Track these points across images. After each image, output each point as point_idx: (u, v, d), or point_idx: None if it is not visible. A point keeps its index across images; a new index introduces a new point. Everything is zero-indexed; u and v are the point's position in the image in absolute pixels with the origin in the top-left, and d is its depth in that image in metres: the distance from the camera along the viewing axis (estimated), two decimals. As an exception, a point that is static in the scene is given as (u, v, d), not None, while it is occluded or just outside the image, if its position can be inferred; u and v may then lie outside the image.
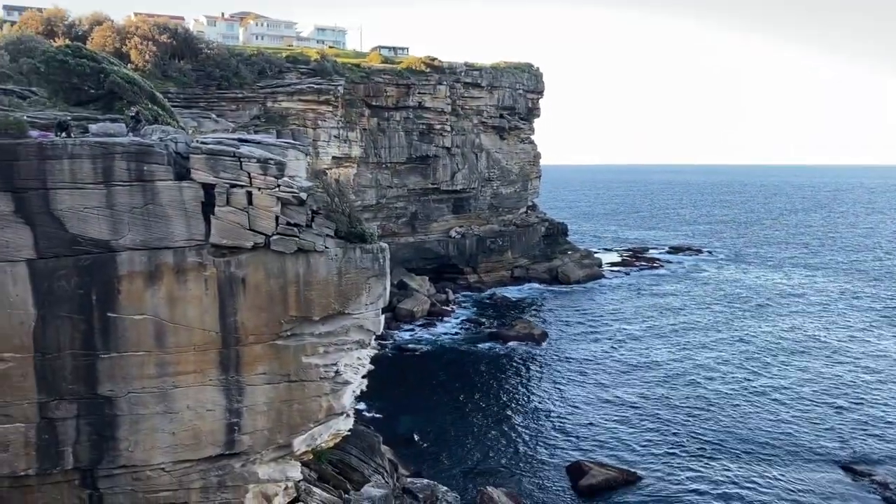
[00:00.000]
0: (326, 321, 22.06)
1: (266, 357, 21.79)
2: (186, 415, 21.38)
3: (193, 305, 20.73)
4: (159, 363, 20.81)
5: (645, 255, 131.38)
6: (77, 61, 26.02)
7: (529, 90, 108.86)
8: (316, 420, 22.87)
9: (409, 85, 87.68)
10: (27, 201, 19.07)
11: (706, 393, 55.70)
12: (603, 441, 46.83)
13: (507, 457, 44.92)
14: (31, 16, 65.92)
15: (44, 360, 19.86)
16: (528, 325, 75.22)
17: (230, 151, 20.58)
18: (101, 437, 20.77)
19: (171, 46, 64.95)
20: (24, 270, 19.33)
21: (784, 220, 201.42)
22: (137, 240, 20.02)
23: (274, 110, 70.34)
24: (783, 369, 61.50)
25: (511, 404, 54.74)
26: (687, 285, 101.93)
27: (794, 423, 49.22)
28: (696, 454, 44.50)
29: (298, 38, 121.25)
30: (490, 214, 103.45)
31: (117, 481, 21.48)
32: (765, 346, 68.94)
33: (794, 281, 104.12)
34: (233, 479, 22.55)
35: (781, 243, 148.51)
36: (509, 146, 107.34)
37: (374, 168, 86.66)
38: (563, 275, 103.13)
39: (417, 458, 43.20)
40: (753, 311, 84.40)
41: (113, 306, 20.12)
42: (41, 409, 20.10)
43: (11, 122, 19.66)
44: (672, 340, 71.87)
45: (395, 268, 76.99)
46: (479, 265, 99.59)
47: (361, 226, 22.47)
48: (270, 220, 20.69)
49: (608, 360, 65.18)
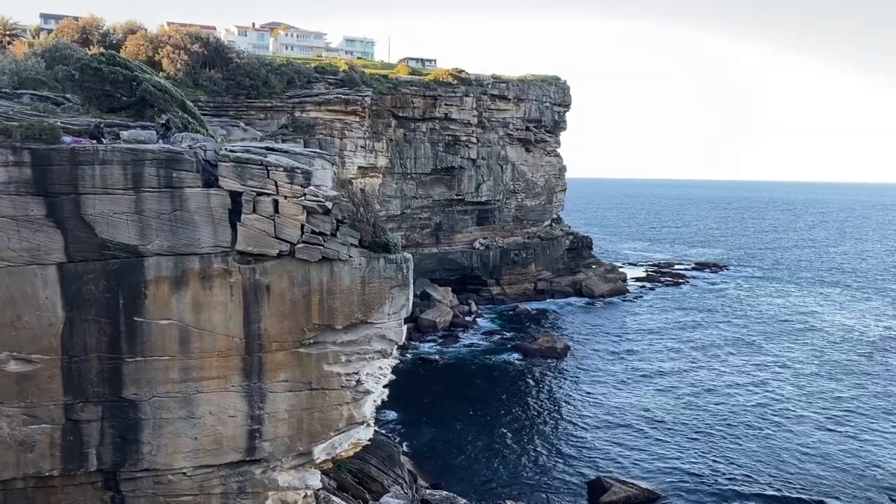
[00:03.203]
0: (349, 330, 22.10)
1: (288, 364, 21.86)
2: (209, 420, 21.50)
3: (218, 311, 20.88)
4: (183, 368, 20.97)
5: (670, 271, 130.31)
6: (110, 69, 26.42)
7: (556, 103, 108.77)
8: (336, 429, 22.87)
9: (436, 96, 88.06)
10: (59, 206, 19.38)
11: (731, 412, 54.91)
12: (624, 458, 46.33)
13: (527, 471, 44.61)
14: (68, 24, 67.30)
15: (70, 363, 20.11)
16: (550, 338, 74.85)
17: (258, 160, 20.76)
18: (124, 439, 20.96)
19: (203, 55, 65.93)
20: (54, 273, 19.63)
21: (812, 238, 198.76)
22: (165, 245, 20.23)
23: (302, 120, 71.02)
24: (812, 392, 60.27)
25: (532, 418, 54.41)
26: (712, 302, 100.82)
27: (826, 450, 47.79)
28: (719, 474, 43.82)
29: (328, 49, 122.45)
30: (514, 227, 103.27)
31: (139, 484, 21.64)
32: (793, 368, 67.75)
33: (824, 300, 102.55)
34: (253, 486, 22.61)
35: (810, 261, 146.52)
36: (535, 159, 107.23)
37: (399, 178, 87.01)
38: (587, 289, 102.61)
39: (437, 470, 43.06)
40: (781, 331, 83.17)
41: (139, 311, 20.34)
42: (67, 410, 20.33)
43: (46, 128, 20.03)
44: (696, 358, 71.03)
45: (418, 278, 77.16)
46: (502, 277, 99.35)
47: (386, 235, 22.50)
48: (296, 228, 20.81)
49: (631, 376, 64.59)
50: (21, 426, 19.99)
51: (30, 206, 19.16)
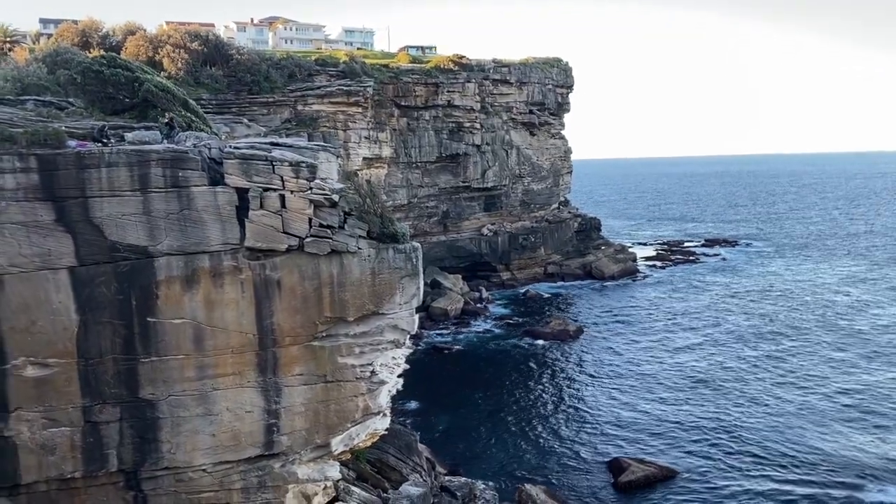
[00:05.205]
0: (361, 322, 22.18)
1: (302, 358, 21.98)
2: (226, 416, 21.66)
3: (230, 308, 20.99)
4: (198, 366, 21.12)
5: (680, 249, 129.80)
6: (112, 71, 26.48)
7: (559, 85, 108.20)
8: (353, 420, 23.01)
9: (438, 84, 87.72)
10: (68, 210, 19.48)
11: (746, 389, 54.74)
12: (641, 438, 46.37)
13: (545, 454, 44.74)
14: (67, 28, 67.29)
15: (87, 365, 20.28)
16: (563, 321, 74.77)
17: (262, 155, 20.79)
18: (143, 439, 21.15)
19: (203, 53, 65.86)
20: (65, 278, 19.75)
21: (819, 209, 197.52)
22: (174, 245, 20.32)
23: (304, 113, 70.96)
24: (831, 367, 59.55)
25: (547, 401, 54.50)
26: (725, 279, 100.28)
27: (845, 428, 46.99)
28: (735, 452, 43.60)
29: (327, 41, 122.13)
30: (522, 211, 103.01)
31: (160, 483, 21.86)
32: (809, 343, 67.17)
33: (838, 272, 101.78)
34: (273, 480, 22.80)
35: (818, 232, 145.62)
36: (539, 142, 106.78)
37: (404, 168, 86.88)
38: (597, 270, 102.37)
39: (454, 457, 43.23)
40: (795, 305, 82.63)
41: (152, 311, 20.46)
42: (85, 412, 20.52)
43: (50, 133, 20.10)
44: (710, 335, 70.77)
45: (427, 267, 77.21)
46: (511, 262, 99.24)
47: (393, 226, 22.53)
48: (304, 222, 20.85)
49: (645, 356, 64.53)
50: (41, 430, 20.20)
51: (38, 211, 19.28)
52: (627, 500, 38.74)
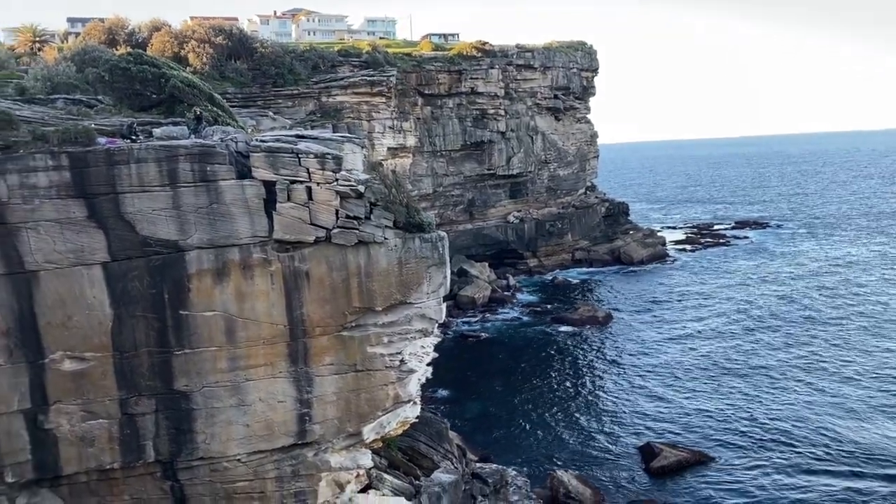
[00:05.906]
0: (389, 311, 22.27)
1: (333, 348, 22.15)
2: (259, 407, 21.92)
3: (261, 300, 21.20)
4: (231, 357, 21.38)
5: (710, 232, 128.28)
6: (139, 68, 26.78)
7: (584, 68, 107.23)
8: (384, 408, 23.16)
9: (461, 71, 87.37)
10: (99, 206, 19.77)
11: (779, 375, 54.05)
12: (670, 424, 46.08)
13: (576, 440, 44.71)
14: (94, 26, 68.14)
15: (122, 358, 20.63)
16: (591, 307, 74.49)
17: (288, 148, 20.90)
18: (178, 430, 21.50)
19: (227, 47, 66.29)
20: (99, 273, 20.09)
21: (843, 188, 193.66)
22: (204, 239, 20.55)
23: (329, 105, 71.18)
24: (862, 351, 58.25)
25: (577, 387, 54.39)
26: (756, 262, 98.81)
27: (874, 412, 46.14)
28: (769, 440, 43.06)
29: (350, 32, 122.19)
30: (548, 197, 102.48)
31: (196, 473, 22.22)
32: (839, 325, 65.97)
33: (873, 253, 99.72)
34: (306, 468, 23.06)
35: (846, 212, 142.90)
36: (565, 127, 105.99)
37: (429, 157, 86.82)
38: (625, 255, 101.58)
39: (485, 444, 43.38)
40: (825, 286, 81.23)
41: (184, 304, 20.74)
42: (122, 405, 20.90)
43: (80, 131, 20.39)
44: (742, 320, 69.96)
45: (454, 255, 77.20)
46: (538, 249, 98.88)
47: (419, 215, 22.55)
48: (331, 213, 20.96)
49: (674, 342, 64.02)
50: (80, 422, 20.63)
51: (71, 208, 19.60)
52: (661, 485, 38.60)
